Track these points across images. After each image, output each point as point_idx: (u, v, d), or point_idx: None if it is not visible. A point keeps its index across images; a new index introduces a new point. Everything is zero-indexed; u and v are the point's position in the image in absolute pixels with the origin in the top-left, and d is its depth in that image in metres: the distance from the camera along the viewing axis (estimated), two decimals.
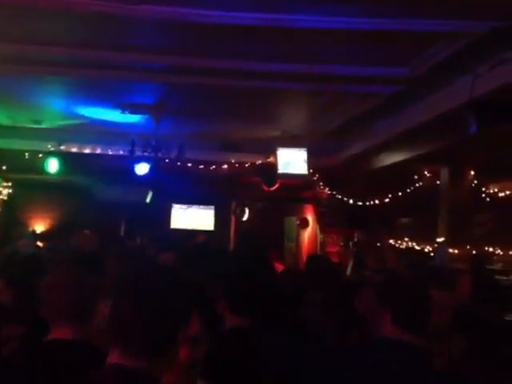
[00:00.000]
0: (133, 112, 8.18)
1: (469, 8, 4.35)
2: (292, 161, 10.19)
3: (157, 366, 1.77)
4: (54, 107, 8.48)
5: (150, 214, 12.33)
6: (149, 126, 8.49)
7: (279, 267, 7.09)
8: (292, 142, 9.98)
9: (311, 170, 10.31)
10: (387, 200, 10.39)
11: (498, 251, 8.08)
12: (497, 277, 7.94)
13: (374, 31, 4.75)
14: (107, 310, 1.84)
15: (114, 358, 1.75)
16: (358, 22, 4.55)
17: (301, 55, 5.73)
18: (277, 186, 10.83)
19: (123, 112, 8.22)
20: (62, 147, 10.08)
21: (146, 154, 8.64)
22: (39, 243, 9.56)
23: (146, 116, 8.32)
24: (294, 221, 13.72)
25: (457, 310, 3.36)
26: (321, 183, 10.96)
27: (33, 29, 5.32)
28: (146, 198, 12.39)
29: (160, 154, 8.52)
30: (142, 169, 9.59)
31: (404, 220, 11.27)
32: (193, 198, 13.12)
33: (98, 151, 10.12)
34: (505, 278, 7.98)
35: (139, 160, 9.33)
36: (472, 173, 8.48)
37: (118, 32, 5.34)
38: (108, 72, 6.47)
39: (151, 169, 9.54)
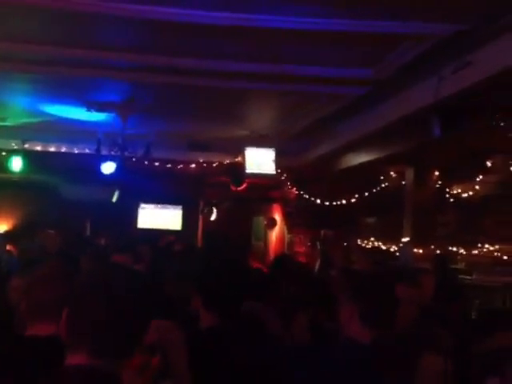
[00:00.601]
0: (99, 110, 8.09)
1: (432, 11, 4.42)
2: (260, 160, 10.22)
3: (118, 367, 1.76)
4: (19, 104, 8.33)
5: (117, 214, 12.21)
6: (115, 124, 8.40)
7: (258, 266, 7.10)
8: (260, 142, 10.01)
9: (279, 170, 10.35)
10: (354, 200, 10.50)
11: (462, 251, 8.22)
12: (461, 276, 8.09)
13: (340, 32, 4.79)
14: None
15: (78, 358, 1.73)
16: (322, 22, 4.58)
17: (268, 55, 5.75)
18: (245, 185, 10.85)
19: (89, 110, 8.13)
20: (27, 145, 9.92)
21: (112, 152, 8.55)
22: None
23: (112, 114, 8.23)
24: (262, 220, 13.76)
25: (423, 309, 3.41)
26: (288, 183, 11.02)
27: None
28: (112, 197, 12.26)
29: (127, 153, 8.44)
30: (108, 168, 9.50)
31: (370, 220, 11.40)
32: (160, 198, 13.05)
33: (63, 150, 9.98)
34: (468, 277, 8.13)
35: (105, 159, 9.24)
36: (436, 174, 8.62)
37: (85, 30, 5.28)
38: (74, 70, 6.39)
39: (118, 168, 9.46)
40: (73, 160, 10.02)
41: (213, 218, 13.83)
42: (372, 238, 10.50)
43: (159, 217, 14.09)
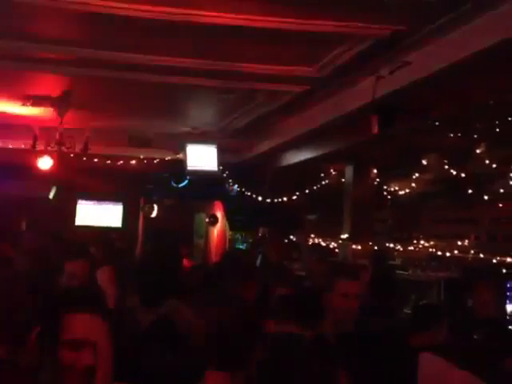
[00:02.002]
0: (35, 104, 7.86)
1: (370, 12, 4.49)
2: (202, 157, 10.17)
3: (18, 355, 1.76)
4: None
5: (54, 211, 11.90)
6: (52, 119, 8.18)
7: (186, 263, 7.07)
8: (202, 139, 9.96)
9: (221, 167, 10.33)
10: (295, 197, 10.58)
11: (398, 247, 8.42)
12: (397, 271, 8.29)
13: (279, 31, 4.81)
14: None
15: None
16: (259, 20, 4.59)
17: (207, 52, 5.72)
18: (186, 182, 10.78)
19: (24, 104, 7.89)
20: None
21: (49, 148, 8.32)
22: None
23: (49, 108, 8.02)
24: (204, 217, 13.69)
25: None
26: (230, 180, 11.00)
27: None
28: (49, 193, 11.94)
29: (64, 149, 8.23)
30: (44, 163, 9.24)
31: (311, 217, 11.53)
32: (100, 194, 12.77)
33: None
34: (405, 272, 8.34)
35: (42, 154, 8.99)
36: (375, 171, 8.79)
37: (19, 22, 5.11)
38: (8, 63, 6.19)
39: (55, 164, 9.22)
40: (7, 156, 9.71)
41: (153, 215, 13.66)
42: (313, 235, 10.62)
43: (99, 214, 13.78)
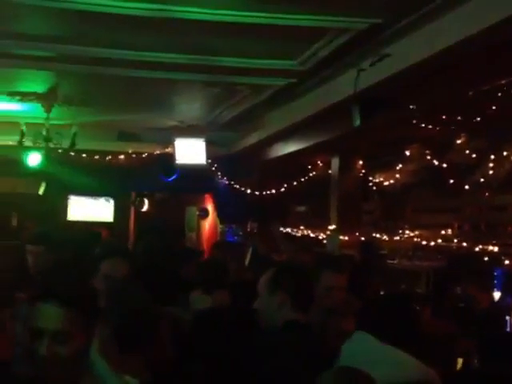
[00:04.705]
0: (22, 100, 7.89)
1: (348, 4, 4.56)
2: (190, 151, 10.23)
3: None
4: None
5: (45, 206, 11.93)
6: (39, 114, 8.21)
7: None
8: (190, 133, 10.01)
9: (209, 160, 10.39)
10: (283, 189, 10.66)
11: (384, 237, 8.52)
12: (388, 261, 8.41)
13: (260, 25, 4.87)
14: None
15: None
16: (239, 15, 4.65)
17: (193, 46, 5.76)
18: (175, 176, 10.83)
19: (11, 100, 7.92)
20: None
21: (36, 144, 8.35)
22: None
23: (35, 104, 8.04)
24: (195, 211, 13.76)
25: None
26: (219, 173, 11.07)
27: None
28: (39, 189, 11.96)
29: (51, 145, 8.26)
30: (33, 159, 9.28)
31: (300, 208, 11.62)
32: (90, 189, 12.79)
33: None
34: (394, 261, 8.46)
35: (29, 150, 9.03)
36: (360, 162, 8.87)
37: (6, 19, 5.14)
38: None
39: (43, 159, 9.25)
40: None
41: (144, 209, 13.72)
42: (302, 227, 10.71)
43: (90, 209, 13.82)
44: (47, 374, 1.85)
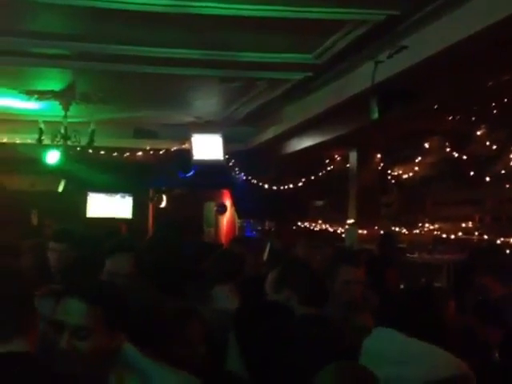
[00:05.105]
0: (39, 99, 7.95)
1: None
2: (207, 147, 10.24)
3: None
4: None
5: (65, 204, 12.03)
6: (57, 113, 8.27)
7: None
8: (207, 128, 10.01)
9: (227, 156, 10.39)
10: (301, 184, 10.63)
11: (404, 230, 8.45)
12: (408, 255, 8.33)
13: (280, 19, 4.84)
14: None
15: None
16: (262, 9, 4.63)
17: (210, 42, 5.75)
18: (193, 172, 10.85)
19: (29, 99, 7.97)
20: None
21: (55, 142, 8.41)
22: None
23: (53, 103, 8.10)
24: (213, 206, 13.78)
25: None
26: (236, 169, 11.07)
27: None
28: (58, 187, 12.07)
29: (70, 142, 8.32)
30: (52, 157, 9.36)
31: (318, 203, 11.58)
32: (109, 186, 12.88)
33: (5, 140, 9.80)
34: (415, 255, 8.37)
35: (48, 148, 9.10)
36: (378, 156, 8.81)
37: (24, 18, 5.17)
38: (13, 58, 6.26)
39: (62, 157, 9.32)
40: (15, 150, 9.83)
41: (162, 205, 13.77)
42: (320, 221, 10.68)
43: (109, 205, 13.92)
44: (68, 369, 1.86)
